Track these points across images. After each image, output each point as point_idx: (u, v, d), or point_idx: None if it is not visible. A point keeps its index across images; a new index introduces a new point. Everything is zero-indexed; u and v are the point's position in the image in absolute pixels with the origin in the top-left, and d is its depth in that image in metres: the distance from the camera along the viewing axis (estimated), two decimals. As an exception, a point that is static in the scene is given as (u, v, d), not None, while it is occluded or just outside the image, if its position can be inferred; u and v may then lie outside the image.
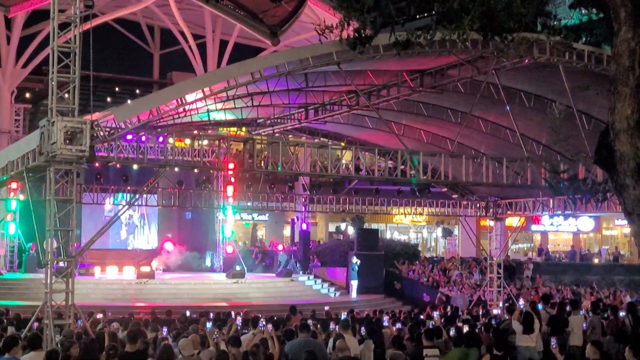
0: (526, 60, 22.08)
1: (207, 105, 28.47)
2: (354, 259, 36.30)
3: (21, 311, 22.40)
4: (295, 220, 44.05)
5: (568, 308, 19.11)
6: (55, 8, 18.52)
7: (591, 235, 56.71)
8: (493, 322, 20.59)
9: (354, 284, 36.06)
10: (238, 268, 36.36)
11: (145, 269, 34.86)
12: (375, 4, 14.50)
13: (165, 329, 15.81)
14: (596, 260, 48.20)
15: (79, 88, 18.44)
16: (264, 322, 14.81)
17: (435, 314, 20.94)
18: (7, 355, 11.22)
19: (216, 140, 24.75)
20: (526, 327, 16.26)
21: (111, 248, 40.23)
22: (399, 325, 18.75)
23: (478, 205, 37.33)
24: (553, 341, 13.71)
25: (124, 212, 28.95)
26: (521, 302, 18.92)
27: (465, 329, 17.83)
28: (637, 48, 13.39)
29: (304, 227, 41.09)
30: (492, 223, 37.67)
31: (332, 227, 51.16)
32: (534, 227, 52.70)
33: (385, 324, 18.88)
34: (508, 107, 24.55)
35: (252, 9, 42.10)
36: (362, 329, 16.74)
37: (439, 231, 51.95)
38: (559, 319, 17.86)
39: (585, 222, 53.19)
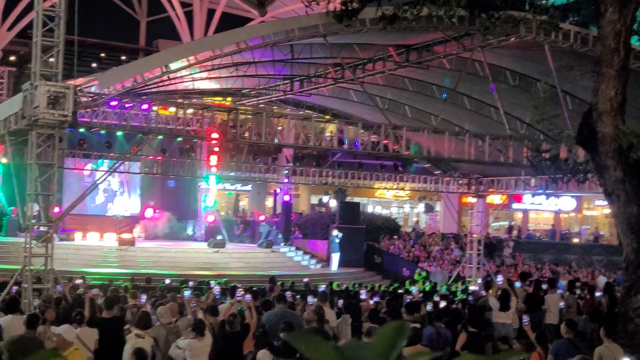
0: (512, 39, 22.11)
1: (192, 74, 28.33)
2: (335, 232, 36.40)
3: (0, 274, 22.37)
4: (278, 191, 44.03)
5: (545, 286, 19.29)
6: (40, -29, 18.36)
7: (572, 214, 57.02)
8: (470, 298, 20.79)
9: (335, 256, 36.16)
10: (219, 237, 36.39)
11: (126, 236, 34.85)
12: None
13: (144, 296, 15.86)
14: (576, 240, 48.52)
15: (64, 53, 18.34)
16: (242, 292, 14.88)
17: (414, 288, 21.12)
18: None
19: (200, 109, 24.65)
20: (503, 304, 16.41)
21: (90, 214, 40.07)
22: (376, 298, 18.88)
23: (460, 181, 37.43)
24: (525, 318, 13.88)
25: (105, 178, 28.83)
26: (499, 278, 19.09)
27: (443, 304, 18.01)
28: (623, 30, 13.46)
29: (287, 198, 41.09)
30: (473, 200, 37.80)
31: (314, 200, 51.07)
32: (515, 205, 52.91)
33: (363, 297, 19.01)
34: (492, 86, 24.60)
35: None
36: (340, 302, 16.86)
37: (420, 206, 52.10)
38: (535, 297, 18.05)
39: (566, 202, 53.48)
